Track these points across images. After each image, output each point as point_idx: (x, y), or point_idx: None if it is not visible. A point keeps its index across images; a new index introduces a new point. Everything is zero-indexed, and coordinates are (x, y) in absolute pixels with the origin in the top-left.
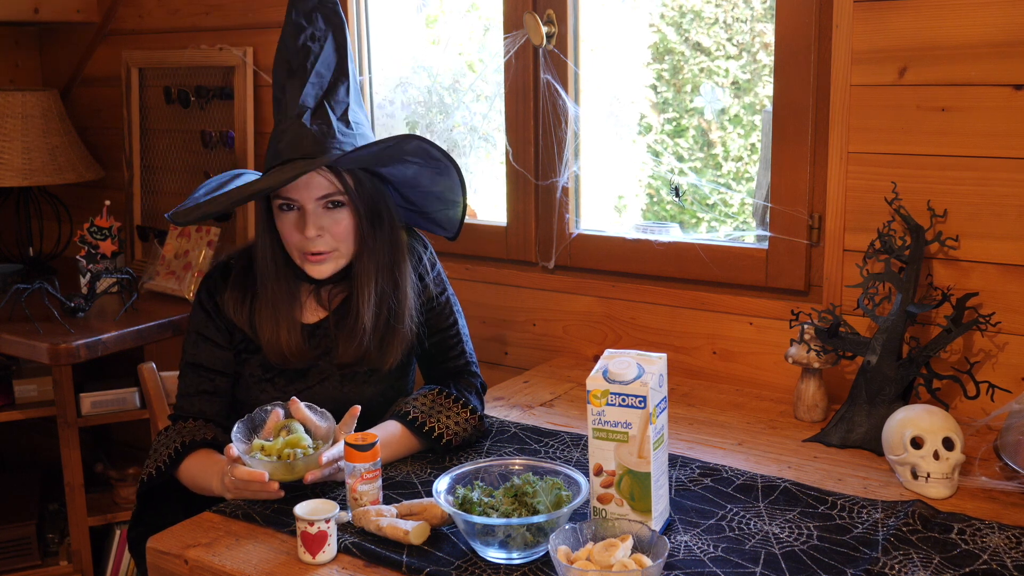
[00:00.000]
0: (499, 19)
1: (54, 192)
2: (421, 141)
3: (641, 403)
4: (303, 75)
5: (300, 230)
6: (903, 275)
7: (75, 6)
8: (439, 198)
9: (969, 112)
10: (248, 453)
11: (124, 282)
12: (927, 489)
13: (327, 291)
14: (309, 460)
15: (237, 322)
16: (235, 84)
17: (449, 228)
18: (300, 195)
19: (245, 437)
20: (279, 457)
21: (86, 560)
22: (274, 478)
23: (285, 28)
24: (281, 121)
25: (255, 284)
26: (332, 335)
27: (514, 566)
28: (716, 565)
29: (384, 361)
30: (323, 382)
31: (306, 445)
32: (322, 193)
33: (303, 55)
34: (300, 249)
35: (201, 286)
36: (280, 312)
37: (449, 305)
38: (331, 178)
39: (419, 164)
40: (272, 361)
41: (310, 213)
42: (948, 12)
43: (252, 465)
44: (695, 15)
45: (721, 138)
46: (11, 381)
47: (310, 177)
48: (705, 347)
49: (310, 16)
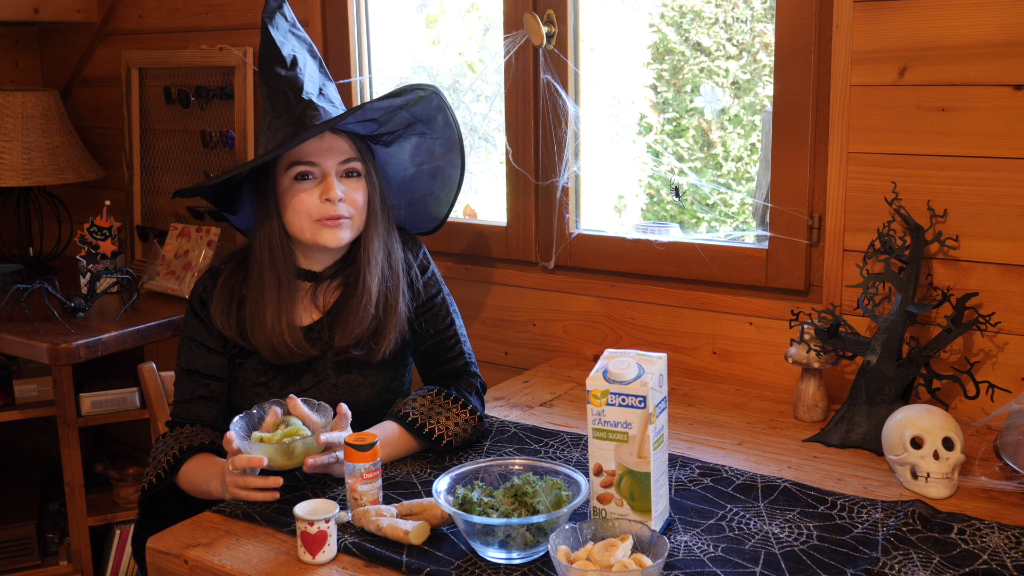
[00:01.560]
0: (499, 19)
1: (54, 192)
2: (444, 101)
3: (641, 403)
4: (299, 72)
5: (321, 195)
6: (903, 275)
7: (75, 6)
8: (434, 175)
9: (969, 112)
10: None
11: (124, 282)
12: (927, 489)
13: (323, 290)
14: (308, 444)
15: (224, 331)
16: (235, 84)
17: (435, 215)
18: (323, 159)
19: (245, 433)
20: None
21: (86, 560)
22: (273, 465)
23: (265, 41)
24: (286, 107)
25: (243, 288)
26: (326, 335)
27: (514, 566)
28: (716, 565)
29: (377, 348)
30: (318, 384)
31: (304, 435)
32: (344, 157)
33: (292, 59)
34: (320, 215)
35: (193, 292)
36: (281, 303)
37: (445, 306)
38: (351, 143)
39: (428, 133)
40: (270, 358)
41: (332, 178)
42: (948, 12)
43: (251, 451)
44: (695, 15)
45: (721, 138)
46: (11, 381)
47: (332, 140)
48: (705, 347)
49: (285, 35)
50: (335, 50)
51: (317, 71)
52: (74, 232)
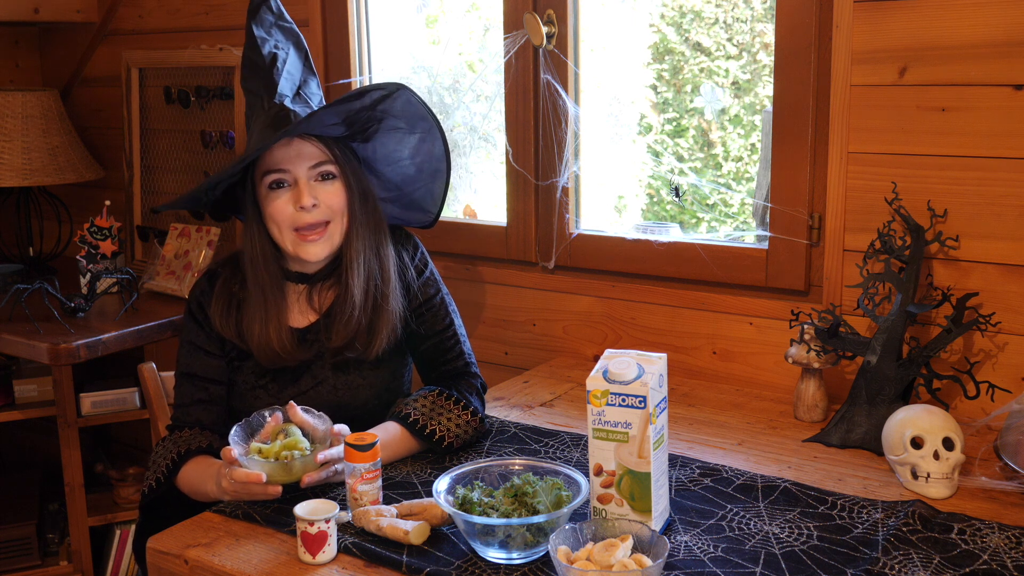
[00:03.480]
0: (499, 19)
1: (54, 192)
2: (410, 93)
3: (641, 403)
4: (275, 75)
5: (293, 204)
6: (903, 275)
7: (75, 6)
8: (420, 169)
9: (969, 112)
10: (245, 455)
11: (124, 282)
12: (927, 489)
13: (318, 291)
14: (306, 461)
15: (224, 333)
16: (235, 84)
17: (429, 209)
18: (292, 165)
19: (243, 440)
20: (276, 459)
21: (86, 560)
22: (272, 480)
23: (248, 42)
24: (260, 112)
25: (241, 290)
26: (322, 337)
27: (514, 566)
28: (716, 565)
29: (372, 345)
30: (317, 386)
31: (303, 448)
32: (314, 161)
33: (271, 60)
34: (294, 225)
35: (191, 295)
36: (269, 308)
37: (444, 306)
38: (320, 147)
39: (402, 129)
40: (263, 362)
41: (304, 183)
42: (948, 12)
43: (249, 467)
44: (695, 15)
45: (721, 138)
46: (11, 381)
47: (301, 146)
48: (705, 347)
49: (270, 31)
50: (335, 50)
51: (300, 67)
52: (74, 232)
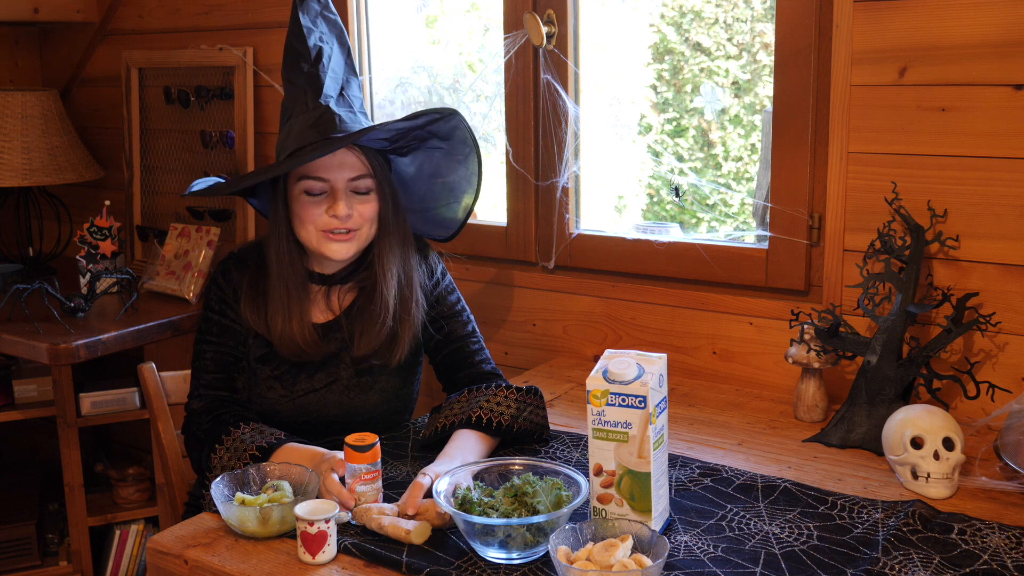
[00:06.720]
0: (499, 19)
1: (54, 192)
2: (460, 119)
3: (641, 403)
4: (321, 72)
5: (328, 210)
6: (903, 275)
7: (75, 6)
8: (451, 189)
9: (969, 112)
10: (232, 501)
11: (124, 282)
12: (927, 489)
13: (337, 292)
14: (284, 512)
15: (253, 324)
16: (235, 84)
17: (450, 225)
18: (332, 175)
19: (229, 492)
20: (260, 506)
21: (86, 560)
22: (245, 531)
23: (293, 29)
24: (304, 109)
25: (265, 281)
26: (344, 335)
27: (514, 566)
28: (716, 565)
29: (395, 353)
30: (330, 385)
31: (286, 502)
32: (354, 174)
33: (317, 53)
34: (326, 227)
35: (216, 272)
36: (292, 304)
37: (465, 311)
38: (362, 158)
39: (442, 149)
40: (285, 354)
41: (341, 193)
42: (948, 12)
43: (230, 514)
44: (695, 15)
45: (721, 138)
46: (11, 381)
47: (344, 156)
48: (705, 347)
49: (315, 20)
50: None
51: (343, 65)
52: (74, 232)
